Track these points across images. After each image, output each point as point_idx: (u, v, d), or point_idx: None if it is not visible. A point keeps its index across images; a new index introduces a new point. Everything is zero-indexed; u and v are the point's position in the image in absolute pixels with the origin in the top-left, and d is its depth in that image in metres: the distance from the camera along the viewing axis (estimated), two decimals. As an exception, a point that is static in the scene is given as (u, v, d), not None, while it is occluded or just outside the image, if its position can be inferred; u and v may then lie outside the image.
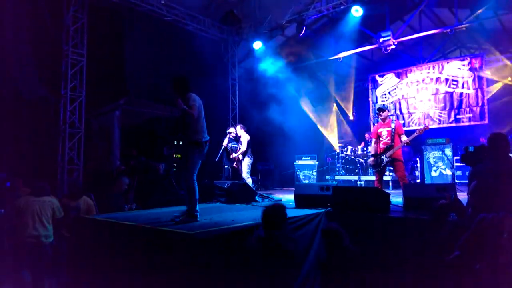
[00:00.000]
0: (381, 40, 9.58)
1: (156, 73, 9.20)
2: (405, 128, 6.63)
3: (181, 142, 9.50)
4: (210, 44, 10.34)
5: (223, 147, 8.33)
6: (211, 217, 4.59)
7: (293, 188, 6.06)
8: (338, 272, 3.35)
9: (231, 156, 8.18)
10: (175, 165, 9.32)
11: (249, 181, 7.83)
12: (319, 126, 13.64)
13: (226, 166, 8.82)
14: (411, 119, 11.40)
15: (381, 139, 6.28)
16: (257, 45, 10.61)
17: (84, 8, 7.85)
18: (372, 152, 6.45)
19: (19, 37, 7.50)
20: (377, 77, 12.30)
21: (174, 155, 9.25)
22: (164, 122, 9.69)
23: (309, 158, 11.11)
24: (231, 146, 8.28)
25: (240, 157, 7.97)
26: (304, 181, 10.69)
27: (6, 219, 4.98)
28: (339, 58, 10.96)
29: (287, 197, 7.14)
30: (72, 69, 7.70)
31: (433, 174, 9.58)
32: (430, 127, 7.89)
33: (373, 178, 8.52)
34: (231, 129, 8.52)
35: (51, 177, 7.19)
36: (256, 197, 6.59)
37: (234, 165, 8.19)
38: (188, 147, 4.38)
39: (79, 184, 6.21)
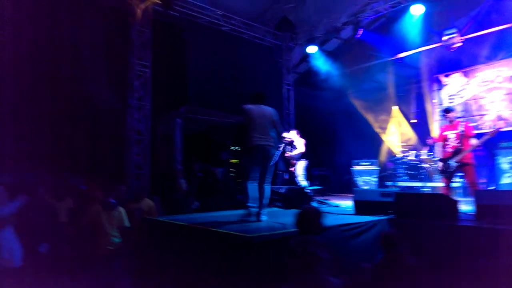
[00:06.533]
0: (445, 38, 9.06)
1: (215, 81, 9.54)
2: (475, 131, 6.14)
3: (238, 148, 9.82)
4: (265, 51, 10.49)
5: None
6: (267, 221, 4.64)
7: (351, 195, 5.90)
8: (389, 277, 3.21)
9: (285, 154, 8.19)
10: (232, 169, 9.56)
11: (304, 183, 7.78)
12: (377, 130, 13.14)
13: (281, 172, 8.84)
14: (483, 122, 10.57)
15: (448, 142, 5.90)
16: (312, 49, 10.53)
17: (149, 22, 8.39)
18: (440, 157, 6.07)
19: (94, 54, 8.17)
20: (441, 77, 11.60)
21: (231, 160, 9.48)
22: (222, 129, 9.99)
23: (368, 163, 10.72)
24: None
25: (294, 161, 7.97)
26: (363, 187, 10.34)
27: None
28: (399, 58, 10.52)
29: (344, 203, 6.96)
30: (138, 80, 8.25)
31: (505, 181, 8.74)
32: (505, 129, 7.22)
33: (440, 184, 8.02)
34: (286, 134, 8.54)
35: (121, 181, 7.72)
36: (312, 203, 6.53)
37: (292, 169, 8.19)
38: (241, 154, 4.75)
39: (140, 188, 6.58)
